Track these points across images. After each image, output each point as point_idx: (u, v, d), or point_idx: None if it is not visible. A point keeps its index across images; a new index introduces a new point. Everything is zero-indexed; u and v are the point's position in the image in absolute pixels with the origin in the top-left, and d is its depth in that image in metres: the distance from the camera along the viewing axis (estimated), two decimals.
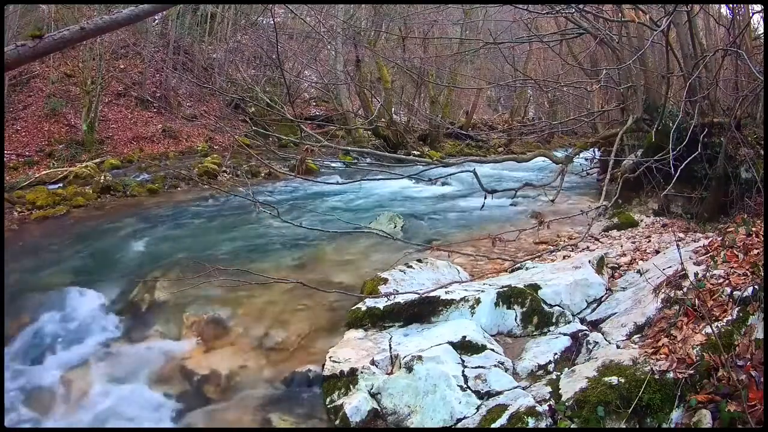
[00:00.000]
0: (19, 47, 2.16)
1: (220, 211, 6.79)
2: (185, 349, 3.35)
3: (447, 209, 6.80)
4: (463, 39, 12.30)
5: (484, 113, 20.22)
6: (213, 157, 9.65)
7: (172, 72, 12.65)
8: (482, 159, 6.43)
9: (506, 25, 9.45)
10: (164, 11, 11.81)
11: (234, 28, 15.15)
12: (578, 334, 2.91)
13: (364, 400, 2.63)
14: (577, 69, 8.39)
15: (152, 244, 5.37)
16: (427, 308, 3.23)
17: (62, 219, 6.43)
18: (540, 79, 9.40)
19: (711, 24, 7.58)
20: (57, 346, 3.49)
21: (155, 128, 11.23)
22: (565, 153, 7.00)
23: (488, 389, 2.55)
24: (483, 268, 4.21)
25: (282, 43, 12.91)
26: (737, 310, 2.34)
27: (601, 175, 7.43)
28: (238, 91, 11.76)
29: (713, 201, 4.91)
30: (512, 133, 13.26)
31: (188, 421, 2.85)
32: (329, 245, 4.97)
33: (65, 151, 9.23)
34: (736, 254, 2.79)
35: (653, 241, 4.46)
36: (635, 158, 5.39)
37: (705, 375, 2.13)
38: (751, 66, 3.79)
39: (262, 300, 3.73)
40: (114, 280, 4.33)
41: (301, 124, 3.93)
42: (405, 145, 11.64)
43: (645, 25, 4.94)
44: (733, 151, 4.74)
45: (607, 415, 2.16)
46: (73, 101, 10.51)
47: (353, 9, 13.89)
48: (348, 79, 12.36)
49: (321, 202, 7.35)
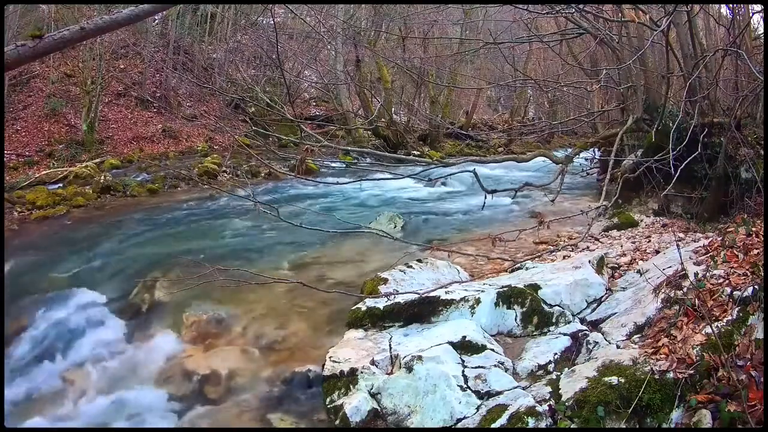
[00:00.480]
0: (19, 47, 2.16)
1: (220, 211, 6.79)
2: (185, 349, 3.35)
3: (447, 209, 6.81)
4: (463, 39, 12.30)
5: (484, 113, 20.21)
6: (213, 157, 9.66)
7: (172, 72, 12.65)
8: (482, 159, 6.41)
9: (506, 25, 9.45)
10: (164, 11, 11.81)
11: (234, 28, 15.15)
12: (578, 334, 2.91)
13: (364, 400, 2.63)
14: (577, 69, 8.38)
15: (152, 244, 5.37)
16: (427, 308, 3.24)
17: (62, 219, 6.43)
18: (540, 79, 9.39)
19: (711, 24, 7.58)
20: (57, 347, 3.49)
21: (155, 128, 11.24)
22: (565, 153, 6.99)
23: (488, 389, 2.55)
24: (483, 268, 4.21)
25: (282, 43, 12.91)
26: (737, 310, 2.34)
27: (601, 175, 7.43)
28: (238, 91, 11.76)
29: (713, 201, 4.91)
30: (512, 133, 13.24)
31: (188, 421, 2.86)
32: (329, 245, 4.97)
33: (65, 151, 9.24)
34: (736, 254, 2.79)
35: (653, 241, 4.46)
36: (635, 158, 5.39)
37: (705, 375, 2.13)
38: (751, 66, 3.80)
39: (262, 300, 3.73)
40: (114, 280, 4.33)
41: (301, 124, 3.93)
42: (405, 145, 11.63)
43: (645, 25, 4.94)
44: (733, 151, 4.74)
45: (607, 415, 2.16)
46: (73, 101, 10.52)
47: (353, 9, 13.88)
48: (348, 79, 12.35)
49: (321, 202, 7.35)
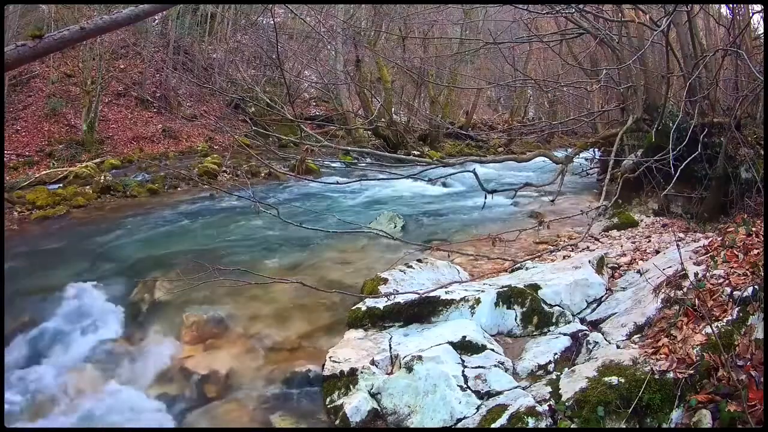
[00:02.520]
0: (19, 47, 2.16)
1: (220, 211, 6.78)
2: (185, 349, 3.35)
3: (447, 209, 6.80)
4: (463, 39, 12.30)
5: (484, 113, 20.20)
6: (213, 157, 9.66)
7: (172, 72, 12.65)
8: (482, 159, 6.42)
9: (506, 25, 9.47)
10: (164, 11, 11.80)
11: (234, 28, 15.15)
12: (578, 334, 2.91)
13: (364, 400, 2.63)
14: (577, 69, 8.38)
15: (152, 244, 5.36)
16: (427, 308, 3.24)
17: (62, 219, 6.43)
18: (540, 79, 9.39)
19: (711, 24, 7.58)
20: (57, 347, 3.49)
21: (155, 128, 11.23)
22: (565, 153, 7.00)
23: (488, 389, 2.55)
24: (483, 268, 4.21)
25: (282, 43, 12.90)
26: (737, 310, 2.34)
27: (601, 175, 7.44)
28: (238, 91, 11.76)
29: (713, 201, 4.91)
30: (512, 133, 13.24)
31: (188, 420, 2.85)
32: (329, 245, 4.96)
33: (65, 151, 9.23)
34: (736, 254, 2.79)
35: (653, 241, 4.46)
36: (635, 158, 5.39)
37: (705, 375, 2.13)
38: (751, 66, 3.80)
39: (262, 300, 3.73)
40: (114, 280, 4.32)
41: (301, 124, 3.93)
42: (405, 145, 11.62)
43: (645, 25, 4.94)
44: (733, 151, 4.74)
45: (607, 415, 2.16)
46: (73, 101, 10.52)
47: (353, 9, 13.87)
48: (348, 79, 12.35)
49: (321, 202, 7.34)
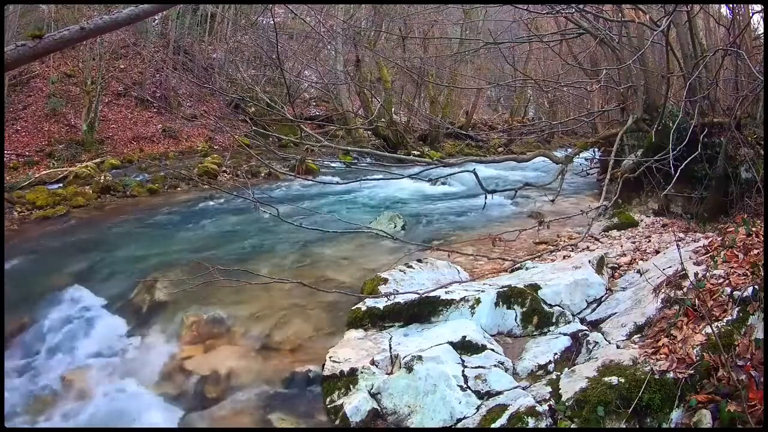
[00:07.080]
0: (19, 47, 2.15)
1: (220, 211, 6.78)
2: (185, 349, 3.35)
3: (447, 209, 6.80)
4: (463, 39, 12.30)
5: (484, 113, 20.18)
6: (213, 157, 9.67)
7: (172, 72, 12.65)
8: (482, 159, 6.41)
9: (506, 25, 9.46)
10: (164, 11, 11.80)
11: (234, 28, 15.14)
12: (578, 334, 2.91)
13: (364, 400, 2.63)
14: (577, 69, 8.36)
15: (152, 244, 5.37)
16: (427, 308, 3.24)
17: (62, 219, 6.43)
18: (540, 79, 9.37)
19: (711, 24, 7.57)
20: (57, 347, 3.49)
21: (155, 128, 11.24)
22: (565, 153, 6.99)
23: (488, 389, 2.56)
24: (483, 268, 4.21)
25: (282, 43, 12.89)
26: (737, 310, 2.34)
27: (601, 175, 7.43)
28: (238, 91, 11.76)
29: (713, 201, 4.91)
30: (512, 133, 13.23)
31: (188, 421, 2.86)
32: (329, 245, 4.96)
33: (65, 151, 9.24)
34: (736, 254, 2.79)
35: (653, 241, 4.46)
36: (635, 158, 5.39)
37: (705, 375, 2.13)
38: (751, 66, 3.80)
39: (262, 300, 3.73)
40: (114, 280, 4.33)
41: (301, 124, 3.92)
42: (405, 145, 11.62)
43: (645, 25, 4.94)
44: (733, 151, 4.74)
45: (607, 415, 2.16)
46: (73, 101, 10.52)
47: (353, 9, 13.87)
48: (348, 79, 12.34)
49: (321, 202, 7.34)
